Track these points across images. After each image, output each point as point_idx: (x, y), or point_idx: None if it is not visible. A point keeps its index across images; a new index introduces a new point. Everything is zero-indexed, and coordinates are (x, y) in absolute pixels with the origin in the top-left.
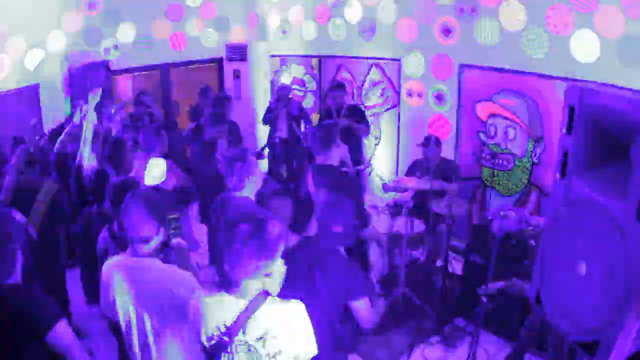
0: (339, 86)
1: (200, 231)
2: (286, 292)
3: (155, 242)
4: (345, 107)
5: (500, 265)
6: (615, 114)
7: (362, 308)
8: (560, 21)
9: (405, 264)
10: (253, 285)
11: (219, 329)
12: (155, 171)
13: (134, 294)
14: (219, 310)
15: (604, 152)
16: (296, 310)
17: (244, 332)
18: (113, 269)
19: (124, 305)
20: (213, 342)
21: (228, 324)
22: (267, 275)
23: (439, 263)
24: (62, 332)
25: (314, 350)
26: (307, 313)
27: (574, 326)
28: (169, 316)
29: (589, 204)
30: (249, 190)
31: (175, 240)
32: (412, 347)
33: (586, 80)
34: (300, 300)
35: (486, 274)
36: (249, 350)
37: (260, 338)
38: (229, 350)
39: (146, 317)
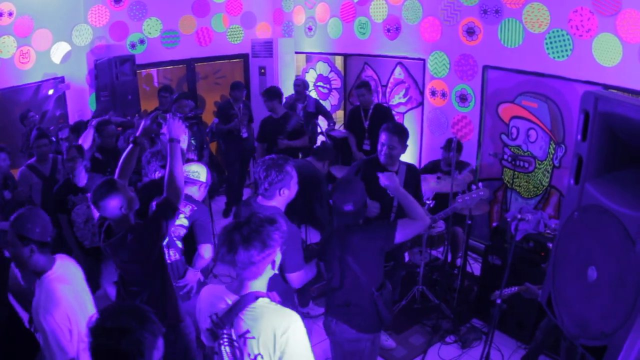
0: (363, 84)
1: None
2: None
3: None
4: (372, 106)
5: (518, 268)
6: (629, 122)
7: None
8: (582, 24)
9: (424, 263)
10: (255, 285)
11: (213, 319)
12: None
13: None
14: (216, 301)
15: (617, 159)
16: (287, 321)
17: (231, 327)
18: None
19: None
20: (208, 331)
21: (219, 316)
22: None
23: (458, 263)
24: None
25: None
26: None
27: (582, 330)
28: None
29: (601, 211)
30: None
31: None
32: (428, 345)
33: (607, 84)
34: None
35: (503, 276)
36: (234, 345)
37: (242, 336)
38: (219, 341)
39: None
